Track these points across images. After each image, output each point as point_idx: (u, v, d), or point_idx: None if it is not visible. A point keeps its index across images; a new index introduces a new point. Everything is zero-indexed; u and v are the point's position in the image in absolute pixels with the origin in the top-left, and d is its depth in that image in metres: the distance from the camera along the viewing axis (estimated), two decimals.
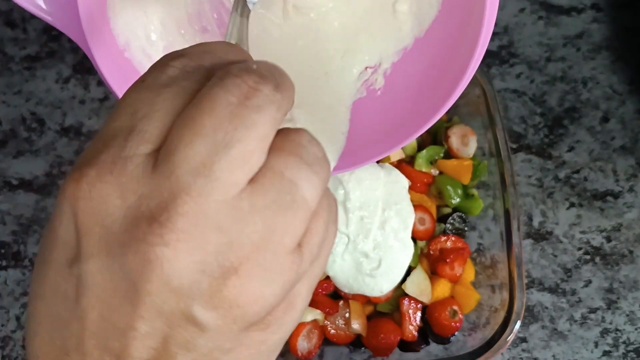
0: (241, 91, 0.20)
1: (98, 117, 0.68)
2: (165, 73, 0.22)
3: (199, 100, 0.20)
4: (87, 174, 0.20)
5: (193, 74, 0.22)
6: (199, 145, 0.19)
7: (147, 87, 0.21)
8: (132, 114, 0.21)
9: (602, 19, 0.70)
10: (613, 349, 0.59)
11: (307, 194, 0.21)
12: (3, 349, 0.61)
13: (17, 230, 0.64)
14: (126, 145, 0.20)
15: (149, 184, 0.20)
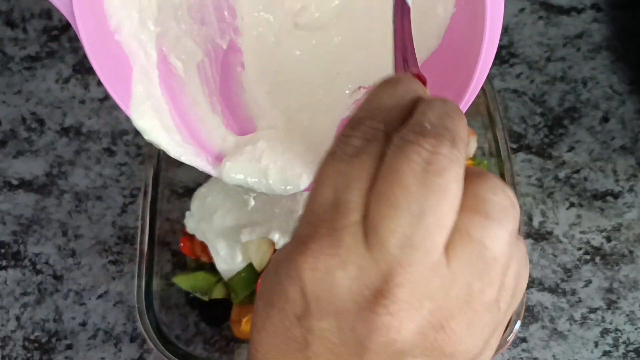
0: (422, 158, 0.22)
1: (98, 117, 0.68)
2: (350, 144, 0.24)
3: (386, 172, 0.22)
4: (311, 248, 0.22)
5: (374, 140, 0.23)
6: (398, 219, 0.22)
7: (338, 159, 0.23)
8: (334, 187, 0.23)
9: (602, 19, 0.70)
10: (613, 349, 0.59)
11: (497, 253, 0.22)
12: (3, 349, 0.61)
13: (17, 230, 0.64)
14: (337, 217, 0.23)
15: (365, 256, 0.22)
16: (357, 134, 0.24)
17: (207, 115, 0.42)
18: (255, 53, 0.42)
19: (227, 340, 0.59)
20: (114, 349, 0.60)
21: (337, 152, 0.24)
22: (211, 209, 0.58)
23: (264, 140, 0.41)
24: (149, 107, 0.40)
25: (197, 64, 0.42)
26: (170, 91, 0.41)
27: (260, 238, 0.55)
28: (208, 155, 0.41)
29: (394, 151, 0.22)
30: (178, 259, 0.61)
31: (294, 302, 0.23)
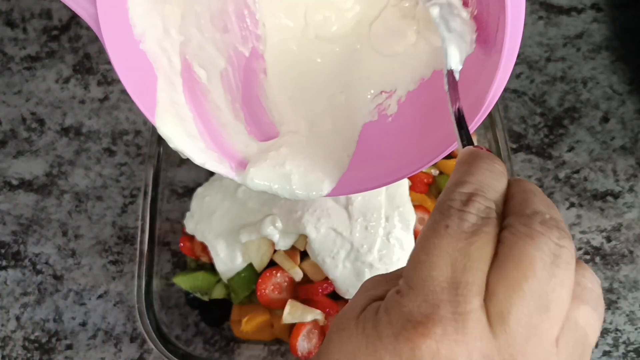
0: (550, 250, 0.23)
1: (98, 117, 0.68)
2: (466, 220, 0.24)
3: (516, 259, 0.22)
4: (434, 332, 0.22)
5: (489, 219, 0.24)
6: (528, 309, 0.22)
7: (455, 235, 0.23)
8: (452, 265, 0.23)
9: (602, 19, 0.70)
10: (613, 349, 0.59)
11: (593, 340, 0.24)
12: (3, 349, 0.61)
13: (17, 230, 0.64)
14: (459, 300, 0.22)
15: (490, 344, 0.22)
16: (472, 210, 0.24)
17: (230, 122, 0.42)
18: (277, 60, 0.42)
19: (227, 340, 0.59)
20: (114, 349, 0.60)
21: (452, 226, 0.23)
22: (210, 209, 0.58)
23: (286, 145, 0.41)
24: (173, 114, 0.40)
25: (220, 71, 0.42)
26: (194, 98, 0.41)
27: (260, 238, 0.55)
28: (231, 162, 0.41)
29: (522, 239, 0.23)
30: (178, 259, 0.61)
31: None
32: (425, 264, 0.23)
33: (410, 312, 0.23)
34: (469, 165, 0.26)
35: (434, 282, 0.23)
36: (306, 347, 0.55)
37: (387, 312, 0.24)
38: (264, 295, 0.55)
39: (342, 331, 0.25)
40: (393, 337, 0.23)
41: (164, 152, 0.58)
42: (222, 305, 0.58)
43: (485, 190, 0.25)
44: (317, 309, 0.55)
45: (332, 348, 0.25)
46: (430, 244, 0.23)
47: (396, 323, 0.23)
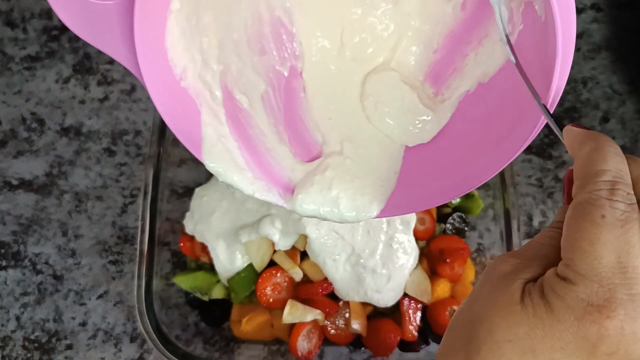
0: None
1: (98, 117, 0.68)
2: (617, 209, 0.26)
3: None
4: (619, 313, 0.25)
5: (634, 204, 0.27)
6: None
7: (610, 223, 0.26)
8: (615, 252, 0.26)
9: (602, 19, 0.70)
10: None
11: None
12: (3, 349, 0.61)
13: (17, 230, 0.64)
14: (630, 282, 0.25)
15: None
16: (620, 199, 0.27)
17: (275, 146, 0.42)
18: (315, 79, 0.42)
19: (227, 340, 0.59)
20: (114, 349, 0.60)
21: (607, 216, 0.26)
22: (209, 209, 0.58)
23: (331, 168, 0.41)
24: (221, 148, 0.40)
25: (260, 94, 0.42)
26: (238, 127, 0.41)
27: (260, 238, 0.55)
28: (279, 188, 0.41)
29: None
30: (178, 259, 0.61)
31: (575, 354, 0.26)
32: (591, 253, 0.26)
33: (589, 297, 0.26)
34: (598, 151, 0.28)
35: (604, 268, 0.26)
36: (306, 347, 0.55)
37: (560, 298, 0.26)
38: (264, 295, 0.55)
39: (508, 315, 0.27)
40: (575, 321, 0.26)
41: (164, 152, 0.58)
42: (222, 305, 0.58)
43: (622, 176, 0.28)
44: (317, 309, 0.55)
45: (499, 331, 0.27)
46: (591, 234, 0.26)
47: (576, 308, 0.26)
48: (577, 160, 0.29)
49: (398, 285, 0.55)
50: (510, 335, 0.27)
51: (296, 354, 0.55)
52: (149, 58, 0.36)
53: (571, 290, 0.26)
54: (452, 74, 0.40)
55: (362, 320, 0.55)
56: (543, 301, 0.27)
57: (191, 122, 0.40)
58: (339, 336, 0.56)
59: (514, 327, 0.27)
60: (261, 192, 0.41)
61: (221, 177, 0.40)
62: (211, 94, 0.40)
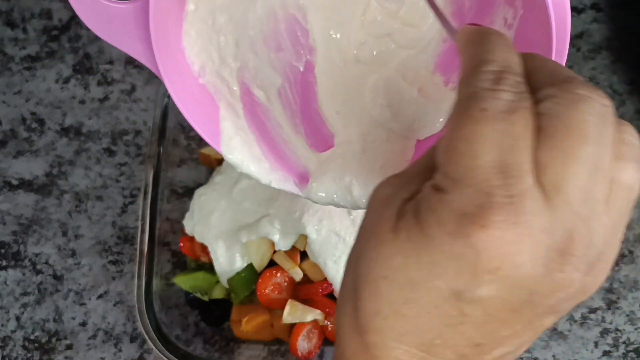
0: (597, 111, 0.22)
1: (98, 117, 0.68)
2: (502, 99, 0.22)
3: (564, 128, 0.21)
4: (494, 220, 0.21)
5: (522, 92, 0.22)
6: (583, 174, 0.21)
7: (492, 116, 0.22)
8: (497, 149, 0.21)
9: (602, 19, 0.70)
10: (613, 349, 0.59)
11: (637, 192, 0.23)
12: (3, 349, 0.61)
13: (17, 230, 0.64)
14: (511, 182, 0.21)
15: (549, 218, 0.21)
16: (506, 87, 0.22)
17: (291, 138, 0.43)
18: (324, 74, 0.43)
19: (227, 340, 0.59)
20: (114, 349, 0.60)
21: (489, 108, 0.22)
22: (208, 210, 0.58)
23: (343, 157, 0.42)
24: (238, 141, 0.41)
25: (277, 89, 0.43)
26: (255, 120, 0.42)
27: (260, 238, 0.55)
28: (295, 178, 0.43)
29: (569, 106, 0.22)
30: (178, 259, 0.61)
31: (456, 278, 0.22)
32: (467, 154, 0.22)
33: (462, 206, 0.21)
34: (483, 44, 0.24)
35: (482, 169, 0.21)
36: (306, 347, 0.55)
37: (432, 212, 0.22)
38: (264, 295, 0.55)
39: (381, 246, 0.23)
40: (447, 237, 0.21)
41: (164, 152, 0.58)
42: (222, 305, 0.58)
43: (510, 65, 0.23)
44: (317, 309, 0.55)
45: (374, 267, 0.23)
46: (468, 132, 0.22)
47: (448, 221, 0.21)
48: (462, 55, 0.25)
49: None
50: (385, 270, 0.23)
51: (296, 354, 0.55)
52: (166, 58, 0.37)
53: (443, 200, 0.22)
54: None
55: None
56: (416, 220, 0.22)
57: (209, 116, 0.41)
58: None
59: (388, 259, 0.23)
60: (278, 182, 0.42)
61: (239, 168, 0.41)
62: (229, 89, 0.41)
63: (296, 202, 0.55)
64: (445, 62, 0.42)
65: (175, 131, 0.61)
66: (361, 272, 0.24)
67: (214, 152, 0.63)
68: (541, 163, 0.21)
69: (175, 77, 0.38)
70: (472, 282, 0.21)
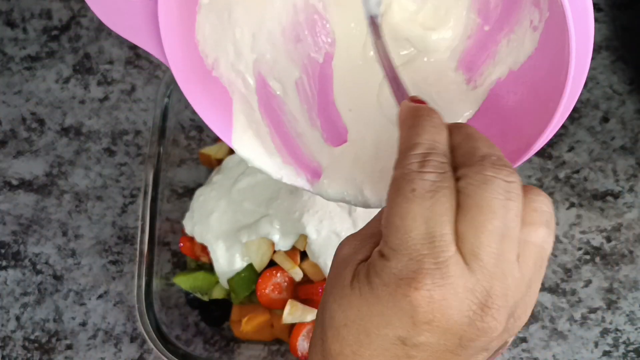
0: (503, 189, 0.27)
1: (98, 117, 0.68)
2: (427, 180, 0.27)
3: (476, 205, 0.27)
4: (425, 283, 0.26)
5: (445, 174, 0.27)
6: (493, 242, 0.26)
7: (420, 196, 0.27)
8: (424, 223, 0.26)
9: (602, 19, 0.70)
10: (613, 349, 0.59)
11: (549, 250, 0.29)
12: (3, 349, 0.61)
13: (17, 230, 0.64)
14: (438, 251, 0.26)
15: (470, 279, 0.26)
16: (430, 169, 0.27)
17: (306, 131, 0.43)
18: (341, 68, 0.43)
19: (227, 340, 0.59)
20: (114, 349, 0.60)
21: (417, 189, 0.27)
22: (207, 210, 0.58)
23: (355, 156, 0.42)
24: (251, 135, 0.41)
25: (295, 81, 0.42)
26: (270, 113, 0.42)
27: (260, 238, 0.55)
28: (307, 173, 0.42)
29: (479, 187, 0.27)
30: (178, 259, 0.61)
31: (399, 328, 0.27)
32: (401, 228, 0.27)
33: (400, 271, 0.27)
34: (413, 126, 0.29)
35: (413, 241, 0.26)
36: (306, 347, 0.55)
37: (378, 276, 0.27)
38: (264, 295, 0.55)
39: (341, 299, 0.29)
40: (390, 296, 0.27)
41: (164, 152, 0.58)
42: (222, 305, 0.58)
43: (435, 146, 0.28)
44: (317, 309, 0.55)
45: (336, 316, 0.28)
46: (402, 209, 0.27)
47: (390, 284, 0.27)
48: (399, 136, 0.30)
49: None
50: (344, 320, 0.28)
51: (296, 354, 0.55)
52: (177, 52, 0.37)
53: (386, 266, 0.27)
54: (485, 61, 0.40)
55: None
56: (367, 280, 0.28)
57: (221, 109, 0.40)
58: None
59: (346, 311, 0.28)
60: (289, 177, 0.42)
61: (250, 162, 0.41)
62: (244, 82, 0.41)
63: (296, 202, 0.55)
64: (469, 60, 0.41)
65: (175, 131, 0.61)
66: (326, 319, 0.29)
67: (214, 152, 0.63)
68: (460, 234, 0.27)
69: (185, 70, 0.38)
70: (412, 331, 0.27)
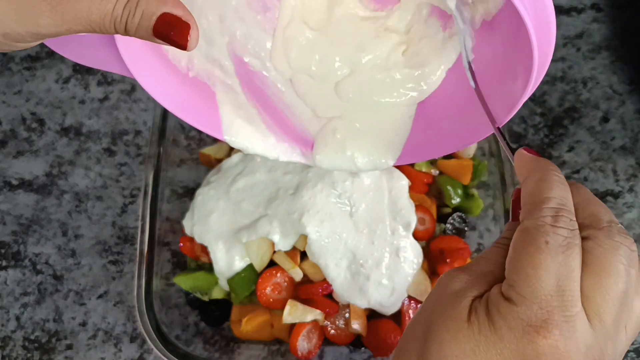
0: (628, 256, 0.29)
1: (98, 117, 0.68)
2: (560, 235, 0.29)
3: (603, 268, 0.29)
4: (554, 333, 0.28)
5: (575, 230, 0.30)
6: (615, 306, 0.29)
7: (553, 249, 0.28)
8: (556, 276, 0.28)
9: (602, 19, 0.70)
10: None
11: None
12: (3, 349, 0.61)
13: (17, 230, 0.64)
14: (567, 305, 0.28)
15: (591, 337, 0.28)
16: (562, 225, 0.29)
17: (293, 100, 0.43)
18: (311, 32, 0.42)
19: (227, 340, 0.59)
20: (114, 349, 0.60)
21: (551, 242, 0.29)
22: (206, 211, 0.57)
23: (340, 130, 0.42)
24: (240, 123, 0.41)
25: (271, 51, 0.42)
26: (255, 92, 0.42)
27: (260, 238, 0.55)
28: (301, 146, 0.43)
29: (609, 251, 0.29)
30: (178, 259, 0.61)
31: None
32: (534, 277, 0.28)
33: (529, 318, 0.28)
34: (543, 180, 0.31)
35: (544, 291, 0.28)
36: (306, 347, 0.55)
37: (503, 318, 0.29)
38: (264, 295, 0.55)
39: (456, 332, 0.30)
40: (515, 339, 0.28)
41: (164, 152, 0.58)
42: (222, 305, 0.58)
43: (566, 203, 0.30)
44: (317, 309, 0.55)
45: (447, 347, 0.30)
46: (535, 260, 0.29)
47: (517, 328, 0.28)
48: (525, 186, 0.32)
49: (401, 295, 0.55)
50: (457, 351, 0.29)
51: (296, 354, 0.55)
52: (146, 71, 0.37)
53: (513, 310, 0.28)
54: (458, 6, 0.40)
55: (362, 320, 0.55)
56: (488, 319, 0.29)
57: (207, 106, 0.40)
58: (339, 336, 0.56)
59: (461, 343, 0.29)
60: (285, 154, 0.42)
61: (246, 150, 0.42)
62: (222, 68, 0.41)
63: (295, 203, 0.55)
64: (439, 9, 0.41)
65: (175, 131, 0.61)
66: (432, 347, 0.30)
67: (214, 152, 0.63)
68: (586, 293, 0.28)
69: (161, 85, 0.38)
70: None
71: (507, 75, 0.36)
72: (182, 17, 0.31)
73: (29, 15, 0.30)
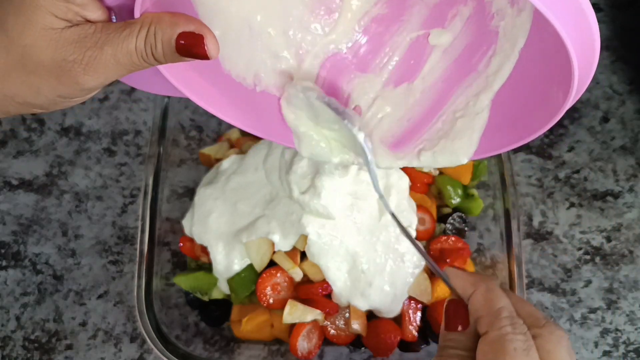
0: (568, 344, 0.35)
1: (98, 117, 0.68)
2: (519, 339, 0.34)
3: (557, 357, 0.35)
4: None
5: (527, 332, 0.35)
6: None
7: (519, 353, 0.34)
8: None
9: (602, 19, 0.70)
10: (613, 349, 0.59)
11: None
12: (3, 349, 0.61)
13: (17, 230, 0.64)
14: None
15: None
16: (519, 331, 0.35)
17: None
18: None
19: (227, 340, 0.59)
20: (114, 349, 0.60)
21: (517, 347, 0.34)
22: (205, 211, 0.57)
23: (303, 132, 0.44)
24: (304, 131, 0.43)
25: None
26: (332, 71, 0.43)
27: (260, 239, 0.55)
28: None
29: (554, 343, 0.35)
30: (178, 259, 0.61)
31: None
32: None
33: None
34: (491, 290, 0.37)
35: None
36: (306, 347, 0.55)
37: None
38: (264, 295, 0.55)
39: None
40: None
41: (164, 152, 0.58)
42: (222, 305, 0.58)
43: (513, 309, 0.36)
44: (317, 309, 0.55)
45: None
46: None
47: None
48: (475, 299, 0.37)
49: (402, 298, 0.55)
50: None
51: (296, 354, 0.55)
52: (215, 99, 0.39)
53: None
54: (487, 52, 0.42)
55: (362, 320, 0.55)
56: None
57: (278, 116, 0.42)
58: (339, 336, 0.56)
59: None
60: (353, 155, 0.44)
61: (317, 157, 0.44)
62: (290, 78, 0.42)
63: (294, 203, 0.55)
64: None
65: (175, 131, 0.61)
66: None
67: (214, 152, 0.63)
68: None
69: (235, 110, 0.40)
70: None
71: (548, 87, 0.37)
72: (195, 31, 0.32)
73: (68, 80, 0.33)
